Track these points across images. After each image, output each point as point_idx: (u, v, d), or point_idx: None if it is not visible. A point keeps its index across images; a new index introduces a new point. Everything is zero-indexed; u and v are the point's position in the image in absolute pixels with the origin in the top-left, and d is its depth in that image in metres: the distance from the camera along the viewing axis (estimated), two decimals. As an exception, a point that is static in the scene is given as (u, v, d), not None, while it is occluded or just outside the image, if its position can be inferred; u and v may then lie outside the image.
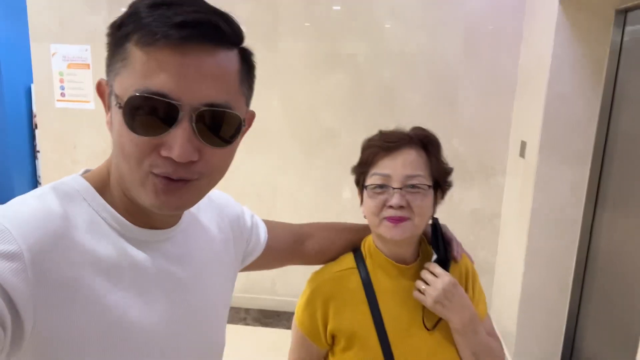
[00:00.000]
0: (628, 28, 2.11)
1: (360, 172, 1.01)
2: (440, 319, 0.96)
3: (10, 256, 0.51)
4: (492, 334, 1.02)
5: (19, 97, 4.68)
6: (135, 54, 0.56)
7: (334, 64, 2.89)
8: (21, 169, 4.77)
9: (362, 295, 0.98)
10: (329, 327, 0.99)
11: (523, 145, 2.55)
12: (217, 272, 0.79)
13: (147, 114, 0.56)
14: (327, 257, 1.08)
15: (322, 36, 2.87)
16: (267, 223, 1.00)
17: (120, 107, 0.57)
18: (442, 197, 1.02)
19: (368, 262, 1.02)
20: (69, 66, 3.06)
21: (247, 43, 0.64)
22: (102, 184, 0.65)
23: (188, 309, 0.69)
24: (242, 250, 0.91)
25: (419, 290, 0.95)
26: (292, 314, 1.08)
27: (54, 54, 3.05)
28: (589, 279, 2.36)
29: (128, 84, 0.57)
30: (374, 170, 0.96)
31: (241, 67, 0.63)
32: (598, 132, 2.24)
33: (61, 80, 3.09)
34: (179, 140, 0.56)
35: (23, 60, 3.94)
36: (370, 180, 0.96)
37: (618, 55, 2.15)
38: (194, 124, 0.57)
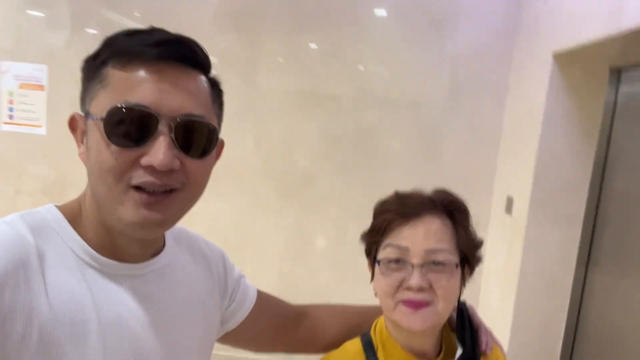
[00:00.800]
0: (622, 87, 2.06)
1: (372, 241, 0.85)
2: None
3: None
4: None
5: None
6: (114, 74, 0.60)
7: (314, 104, 2.73)
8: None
9: None
10: None
11: (510, 201, 2.44)
12: (194, 319, 0.74)
13: (127, 126, 0.58)
14: (324, 344, 0.90)
15: (302, 74, 2.72)
16: (259, 291, 0.92)
17: (100, 120, 0.58)
18: (471, 274, 0.86)
19: (380, 354, 0.84)
20: (20, 86, 2.77)
21: (225, 74, 0.71)
22: (74, 216, 0.65)
23: (149, 354, 0.65)
24: (225, 306, 0.84)
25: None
26: None
27: (2, 72, 2.75)
28: (578, 347, 2.21)
29: (107, 102, 0.59)
30: (388, 241, 0.81)
31: (211, 90, 0.66)
32: (590, 192, 2.15)
33: (10, 102, 2.79)
34: (160, 149, 0.58)
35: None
36: (384, 253, 0.81)
37: (612, 114, 2.09)
38: (172, 134, 0.59)
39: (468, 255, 0.83)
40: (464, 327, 0.84)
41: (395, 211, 0.81)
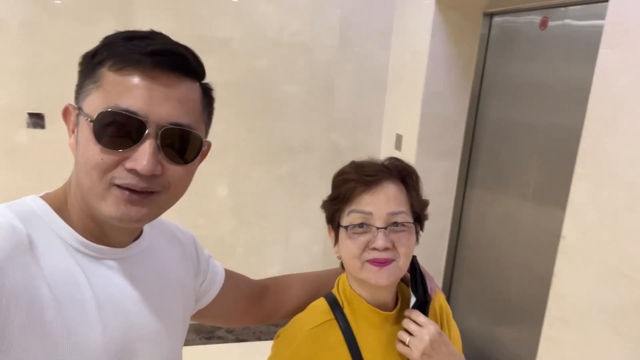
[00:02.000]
0: (493, 30, 2.30)
1: (335, 208, 0.89)
2: None
3: None
4: None
5: None
6: (108, 77, 0.61)
7: (204, 48, 2.58)
8: None
9: (345, 350, 0.86)
10: None
11: (399, 138, 2.64)
12: (175, 296, 0.78)
13: (116, 129, 0.60)
14: (288, 311, 0.98)
15: (187, 15, 2.54)
16: (226, 270, 0.96)
17: (91, 122, 0.61)
18: (422, 230, 0.94)
19: (347, 310, 0.90)
20: None
21: (98, 18, 0.74)
22: (60, 205, 0.66)
23: (143, 327, 0.69)
24: (198, 284, 0.87)
25: (403, 343, 0.87)
26: None
27: None
28: (458, 262, 2.58)
29: (99, 103, 0.61)
30: (352, 207, 0.86)
31: (202, 98, 0.69)
32: (467, 126, 2.42)
33: None
34: (144, 154, 0.60)
35: None
36: (349, 219, 0.86)
37: (484, 55, 2.34)
38: (158, 141, 0.61)
39: (420, 214, 0.91)
40: (416, 278, 0.93)
41: (357, 180, 0.86)
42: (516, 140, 2.15)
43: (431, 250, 2.57)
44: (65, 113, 0.67)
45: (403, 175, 0.89)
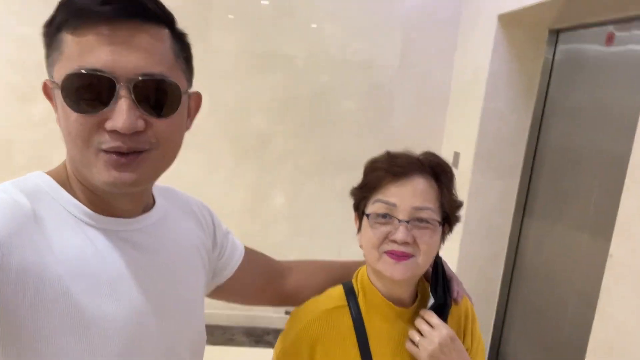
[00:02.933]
0: (560, 47, 2.22)
1: (362, 196, 0.89)
2: None
3: None
4: None
5: None
6: (68, 40, 0.58)
7: (268, 65, 2.74)
8: None
9: (353, 339, 0.86)
10: None
11: (456, 156, 2.60)
12: (193, 267, 0.77)
13: (86, 91, 0.57)
14: (308, 296, 0.96)
15: (256, 34, 2.70)
16: (246, 247, 0.95)
17: (59, 89, 0.58)
18: (450, 232, 0.92)
19: (361, 299, 0.90)
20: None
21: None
22: (63, 180, 0.65)
23: (158, 300, 0.67)
24: (215, 259, 0.86)
25: (412, 342, 0.85)
26: (216, 327, 0.93)
27: None
28: (514, 288, 2.45)
29: (65, 69, 0.58)
30: (378, 197, 0.85)
31: (173, 44, 0.64)
32: (528, 145, 2.33)
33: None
34: (121, 112, 0.57)
35: None
36: (373, 208, 0.85)
37: (549, 73, 2.25)
38: (132, 95, 0.58)
39: (449, 214, 0.88)
40: (437, 279, 0.91)
41: (386, 170, 0.84)
42: (579, 162, 2.04)
43: (484, 273, 2.47)
44: (45, 89, 0.64)
45: (437, 171, 0.86)
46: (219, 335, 2.84)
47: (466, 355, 0.86)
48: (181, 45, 0.66)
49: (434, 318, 0.85)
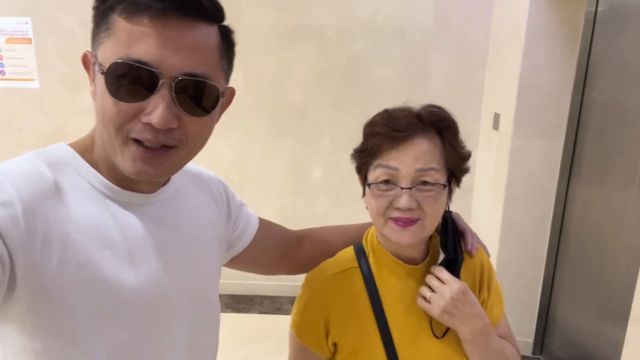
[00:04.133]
0: (603, -5, 2.06)
1: (363, 161, 0.85)
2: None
3: (4, 204, 0.53)
4: (507, 336, 0.93)
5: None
6: (119, 24, 0.59)
7: (300, 36, 2.73)
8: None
9: (366, 299, 0.87)
10: (330, 336, 0.88)
11: (496, 117, 2.50)
12: (208, 239, 0.79)
13: (128, 81, 0.58)
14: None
15: (287, 7, 2.70)
16: (260, 218, 0.95)
17: (102, 73, 0.58)
18: (458, 185, 0.88)
19: (371, 259, 0.90)
20: (7, 41, 2.77)
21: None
22: (87, 151, 0.66)
23: (175, 270, 0.69)
24: (230, 231, 0.87)
25: (424, 298, 0.84)
26: (265, 297, 0.97)
27: (-14, 28, 2.74)
28: (562, 250, 2.37)
29: (111, 52, 0.58)
30: (378, 161, 0.81)
31: (221, 42, 0.64)
32: (572, 103, 2.21)
33: (-1, 57, 2.80)
34: (158, 107, 0.58)
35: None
36: (375, 174, 0.82)
37: (592, 25, 2.11)
38: (173, 93, 0.59)
39: (455, 170, 0.85)
40: (447, 234, 0.88)
41: (385, 134, 0.80)
42: (627, 119, 1.92)
43: (530, 236, 2.40)
44: (84, 60, 0.65)
45: (439, 127, 0.82)
46: (268, 304, 2.97)
47: (479, 307, 0.84)
48: (227, 44, 0.66)
49: (444, 273, 0.83)
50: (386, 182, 0.81)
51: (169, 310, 0.68)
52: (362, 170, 0.86)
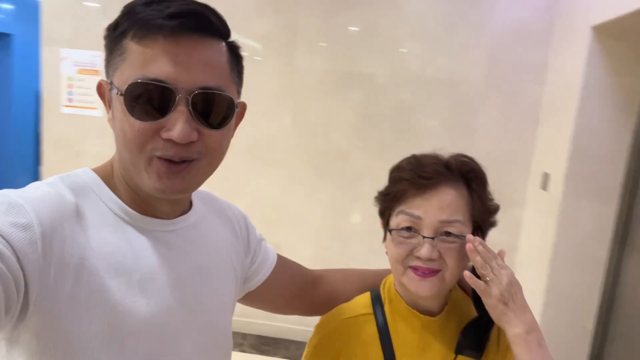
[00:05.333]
0: (664, 59, 2.00)
1: (386, 205, 0.84)
2: None
3: (23, 227, 0.54)
4: None
5: (28, 102, 4.63)
6: (132, 47, 0.61)
7: (350, 83, 2.80)
8: (25, 174, 4.69)
9: (378, 347, 0.84)
10: None
11: (545, 177, 2.42)
12: (225, 271, 0.78)
13: (147, 100, 0.60)
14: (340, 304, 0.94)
15: (340, 55, 2.78)
16: (278, 255, 0.94)
17: (121, 95, 0.60)
18: (483, 238, 0.84)
19: (387, 307, 0.87)
20: (79, 71, 2.99)
21: (266, 54, 0.73)
22: (108, 177, 0.68)
23: (187, 300, 0.69)
24: (247, 265, 0.86)
25: (479, 278, 0.76)
26: (292, 342, 0.94)
27: (62, 59, 2.98)
28: (613, 324, 2.20)
29: (127, 75, 0.60)
30: (402, 208, 0.79)
31: (230, 57, 0.67)
32: (627, 167, 2.11)
33: (69, 86, 3.02)
34: (178, 122, 0.60)
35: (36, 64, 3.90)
36: (397, 220, 0.80)
37: (652, 87, 2.04)
38: (190, 107, 0.61)
39: (481, 224, 0.82)
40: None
41: (410, 180, 0.78)
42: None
43: (577, 305, 2.24)
44: (99, 89, 0.67)
45: (468, 177, 0.80)
46: (294, 349, 2.89)
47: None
48: (235, 58, 0.69)
49: (498, 260, 0.77)
50: (408, 229, 0.79)
51: (177, 340, 0.67)
52: (385, 215, 0.85)
